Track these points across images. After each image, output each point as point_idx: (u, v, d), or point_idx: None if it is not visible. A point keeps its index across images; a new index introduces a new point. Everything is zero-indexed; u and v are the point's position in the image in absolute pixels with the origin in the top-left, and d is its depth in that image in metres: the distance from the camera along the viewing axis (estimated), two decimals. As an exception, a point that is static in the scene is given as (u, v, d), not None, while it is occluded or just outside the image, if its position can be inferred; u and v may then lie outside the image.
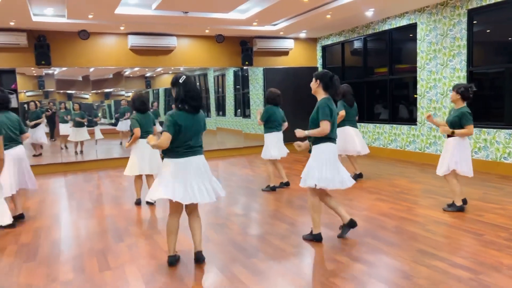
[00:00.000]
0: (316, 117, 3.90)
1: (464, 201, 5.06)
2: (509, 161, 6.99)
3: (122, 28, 9.11)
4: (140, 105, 5.75)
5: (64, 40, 9.22)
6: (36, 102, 9.64)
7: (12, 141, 5.02)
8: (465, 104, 4.87)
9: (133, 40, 9.62)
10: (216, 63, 10.84)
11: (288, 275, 3.37)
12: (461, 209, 4.93)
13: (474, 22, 7.46)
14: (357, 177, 6.93)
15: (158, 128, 6.30)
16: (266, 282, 3.26)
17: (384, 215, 4.96)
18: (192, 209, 3.69)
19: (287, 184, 6.69)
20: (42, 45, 8.85)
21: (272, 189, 6.50)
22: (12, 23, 8.08)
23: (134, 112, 5.83)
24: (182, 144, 3.47)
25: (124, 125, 10.69)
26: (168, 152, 3.51)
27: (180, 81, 3.49)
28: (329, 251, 3.87)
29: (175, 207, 3.60)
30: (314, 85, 4.01)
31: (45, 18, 8.16)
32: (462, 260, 3.50)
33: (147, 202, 5.98)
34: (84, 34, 9.19)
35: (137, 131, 5.63)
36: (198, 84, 11.95)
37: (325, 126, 3.82)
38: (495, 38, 7.54)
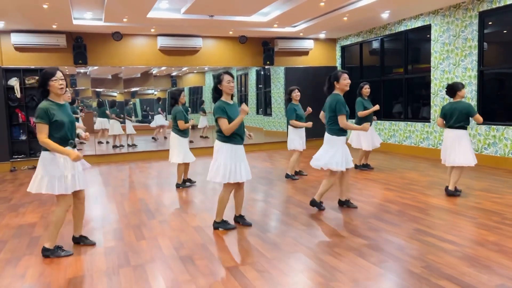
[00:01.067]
0: None
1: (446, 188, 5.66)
2: (517, 157, 7.31)
3: (152, 30, 9.80)
4: (170, 100, 6.64)
5: (99, 41, 9.99)
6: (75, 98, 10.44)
7: None
8: (457, 100, 5.45)
9: (162, 41, 10.32)
10: (239, 63, 11.43)
11: (297, 246, 3.91)
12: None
13: (490, 23, 7.79)
14: (363, 167, 7.90)
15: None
16: (278, 250, 3.81)
17: (389, 201, 5.42)
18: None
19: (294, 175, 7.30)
20: (79, 45, 9.63)
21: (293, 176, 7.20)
22: (54, 26, 8.88)
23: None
24: None
25: (159, 120, 11.48)
26: None
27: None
28: (334, 229, 4.38)
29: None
30: None
31: (84, 21, 8.93)
32: (451, 237, 3.96)
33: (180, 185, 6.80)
34: (117, 36, 9.94)
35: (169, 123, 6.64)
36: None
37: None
38: (505, 39, 7.84)
